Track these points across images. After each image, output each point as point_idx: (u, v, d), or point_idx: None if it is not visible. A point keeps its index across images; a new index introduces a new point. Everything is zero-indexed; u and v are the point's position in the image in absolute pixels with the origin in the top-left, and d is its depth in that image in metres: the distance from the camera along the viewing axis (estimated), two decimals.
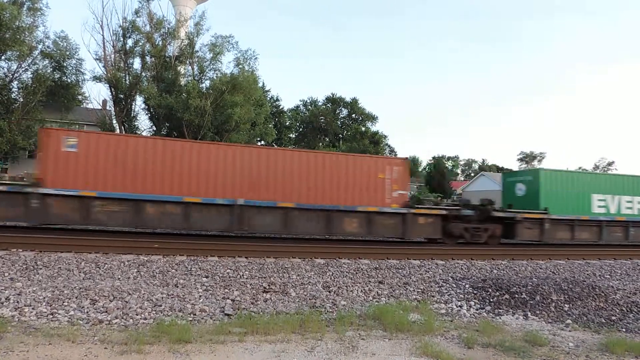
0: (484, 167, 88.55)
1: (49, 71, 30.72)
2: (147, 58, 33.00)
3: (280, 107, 55.46)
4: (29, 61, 29.85)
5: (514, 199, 17.91)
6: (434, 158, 70.89)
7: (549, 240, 16.38)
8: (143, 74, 32.99)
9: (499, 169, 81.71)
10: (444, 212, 15.49)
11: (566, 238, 16.97)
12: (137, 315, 6.43)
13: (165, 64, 32.99)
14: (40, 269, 8.65)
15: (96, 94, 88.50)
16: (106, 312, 6.43)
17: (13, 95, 30.55)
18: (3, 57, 28.63)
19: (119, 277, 8.52)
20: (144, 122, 46.05)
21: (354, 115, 58.91)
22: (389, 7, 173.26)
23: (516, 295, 8.21)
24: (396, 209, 14.70)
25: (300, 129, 58.31)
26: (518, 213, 16.26)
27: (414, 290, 8.94)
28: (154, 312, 6.60)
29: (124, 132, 33.04)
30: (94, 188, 12.60)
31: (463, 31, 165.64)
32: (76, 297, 6.86)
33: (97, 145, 12.85)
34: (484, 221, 15.89)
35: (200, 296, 7.52)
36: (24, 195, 12.21)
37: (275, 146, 48.45)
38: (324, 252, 12.04)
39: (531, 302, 7.99)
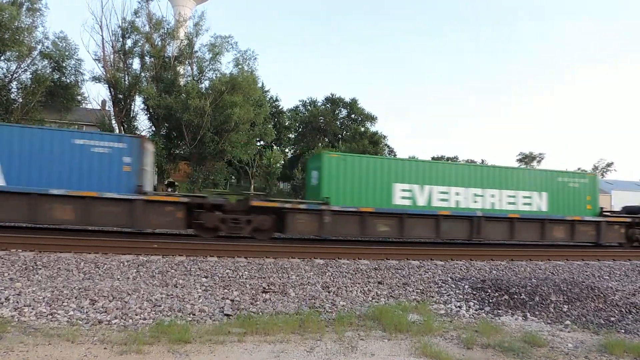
0: None
1: (48, 71, 30.69)
2: (147, 58, 32.99)
3: (280, 107, 55.48)
4: (28, 62, 29.82)
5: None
6: (433, 158, 70.94)
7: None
8: (142, 74, 32.98)
9: None
10: None
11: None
12: (136, 315, 6.44)
13: (164, 65, 32.99)
14: (40, 269, 8.65)
15: (95, 95, 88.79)
16: (105, 312, 6.44)
17: (12, 96, 30.51)
18: (2, 58, 28.60)
19: (119, 277, 8.52)
20: (143, 123, 45.98)
21: (353, 116, 58.92)
22: (389, 7, 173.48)
23: (515, 296, 8.22)
24: None
25: (300, 129, 58.31)
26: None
27: (413, 291, 8.95)
28: (154, 312, 6.60)
29: (123, 132, 33.04)
30: None
31: (463, 31, 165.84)
32: (76, 298, 6.87)
33: None
34: None
35: (199, 296, 7.52)
36: None
37: (274, 147, 48.45)
38: (323, 253, 12.05)
39: (530, 302, 8.00)
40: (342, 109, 59.67)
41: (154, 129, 34.24)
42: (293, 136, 58.53)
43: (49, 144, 12.46)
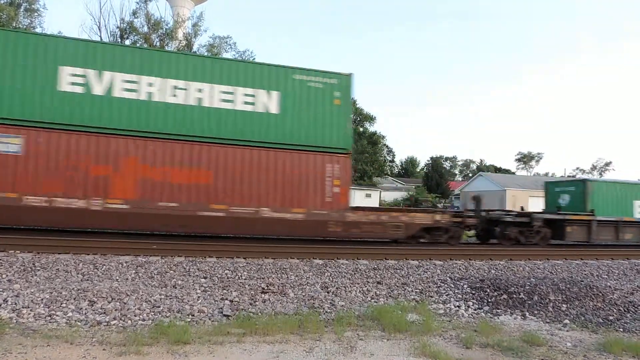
0: (482, 168, 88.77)
1: None
2: None
3: None
4: None
5: None
6: (431, 158, 70.98)
7: None
8: None
9: (497, 170, 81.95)
10: None
11: None
12: (135, 316, 6.43)
13: None
14: (38, 270, 8.63)
15: None
16: (104, 313, 6.43)
17: None
18: None
19: (117, 278, 8.51)
20: None
21: (352, 116, 58.85)
22: (386, 7, 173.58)
23: (514, 296, 8.24)
24: None
25: None
26: None
27: (412, 291, 8.96)
28: (153, 313, 6.60)
29: None
30: None
31: (462, 31, 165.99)
32: (74, 299, 6.86)
33: None
34: None
35: (198, 297, 7.52)
36: None
37: None
38: (323, 253, 12.05)
39: (529, 302, 8.01)
40: None
41: None
42: None
43: None
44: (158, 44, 32.78)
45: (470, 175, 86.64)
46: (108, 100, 11.90)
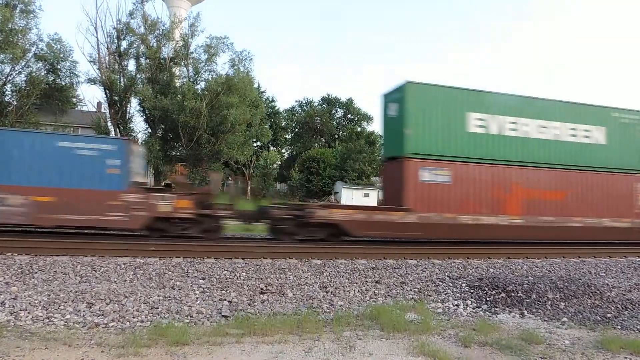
0: None
1: (42, 74, 30.49)
2: (142, 60, 32.88)
3: (276, 107, 55.50)
4: (23, 64, 29.61)
5: None
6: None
7: None
8: (138, 75, 32.88)
9: None
10: None
11: None
12: (134, 318, 6.42)
13: (160, 66, 32.89)
14: (36, 272, 8.61)
15: (91, 97, 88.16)
16: (103, 315, 6.42)
17: (6, 99, 30.32)
18: None
19: (115, 280, 8.50)
20: (139, 124, 45.95)
21: (349, 116, 59.03)
22: (384, 6, 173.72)
23: (512, 294, 8.25)
24: None
25: (296, 130, 58.33)
26: None
27: (410, 290, 8.96)
28: (151, 314, 6.59)
29: (119, 135, 32.91)
30: None
31: (461, 31, 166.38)
32: (72, 301, 6.84)
33: None
34: None
35: (197, 298, 7.51)
36: None
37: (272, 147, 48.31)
38: (321, 253, 12.05)
39: (527, 300, 8.02)
40: (339, 109, 59.70)
41: (150, 130, 34.15)
42: (289, 137, 58.51)
43: None
44: (155, 44, 32.67)
45: None
46: (498, 138, 15.09)
